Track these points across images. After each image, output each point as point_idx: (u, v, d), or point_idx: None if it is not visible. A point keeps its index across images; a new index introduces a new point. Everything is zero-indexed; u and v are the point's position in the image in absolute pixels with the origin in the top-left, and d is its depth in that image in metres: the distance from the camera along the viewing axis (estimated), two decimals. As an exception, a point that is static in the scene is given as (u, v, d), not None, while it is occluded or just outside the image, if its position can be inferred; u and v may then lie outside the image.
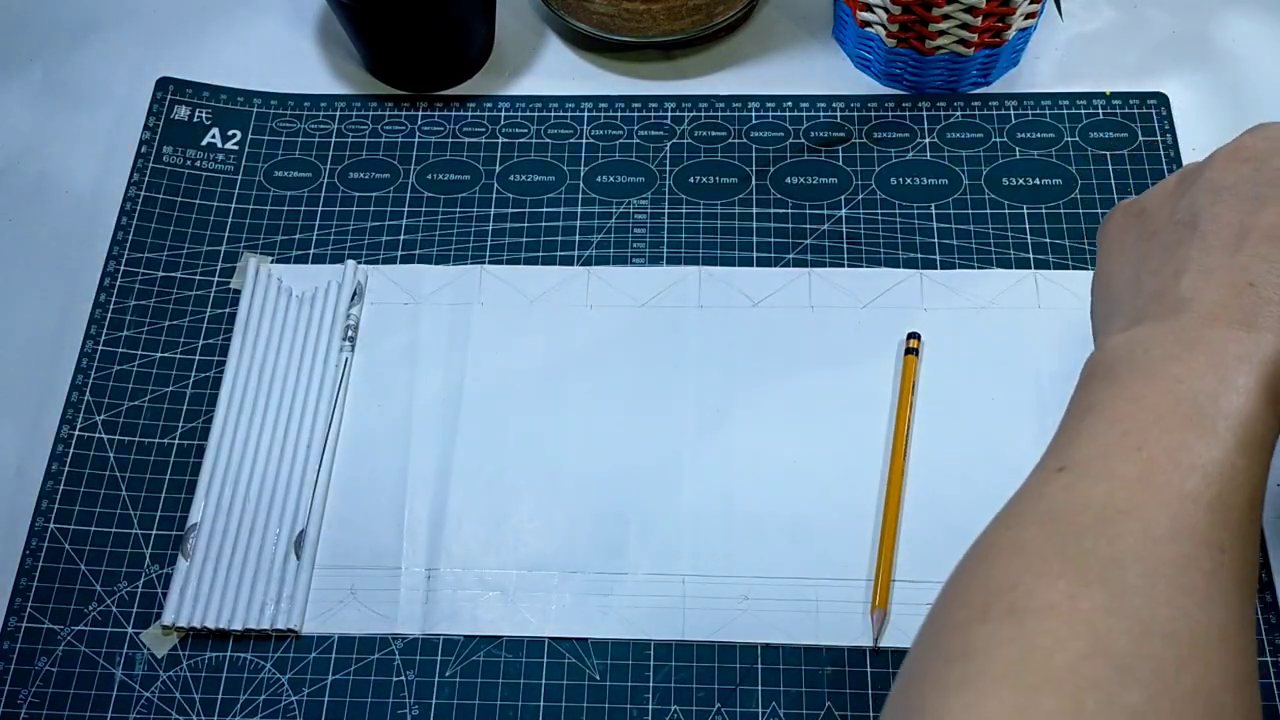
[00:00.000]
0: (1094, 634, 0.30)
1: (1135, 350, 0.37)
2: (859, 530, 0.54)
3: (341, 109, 0.67)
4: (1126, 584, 0.31)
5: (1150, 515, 0.32)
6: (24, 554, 0.55)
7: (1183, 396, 0.34)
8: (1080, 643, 0.30)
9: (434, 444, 0.57)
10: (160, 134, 0.66)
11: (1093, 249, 0.61)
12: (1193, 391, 0.34)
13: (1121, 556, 0.32)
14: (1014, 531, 0.35)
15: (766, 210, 0.63)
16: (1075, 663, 0.30)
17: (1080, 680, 0.29)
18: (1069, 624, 0.31)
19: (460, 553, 0.54)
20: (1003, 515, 0.36)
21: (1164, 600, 0.31)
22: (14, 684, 0.52)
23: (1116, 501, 0.33)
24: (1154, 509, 0.32)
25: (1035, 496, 0.35)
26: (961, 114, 0.65)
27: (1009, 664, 0.30)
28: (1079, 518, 0.33)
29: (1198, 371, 0.35)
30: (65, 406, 0.58)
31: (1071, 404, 0.38)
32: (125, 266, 0.62)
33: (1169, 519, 0.32)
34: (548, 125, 0.66)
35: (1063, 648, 0.30)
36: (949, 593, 0.35)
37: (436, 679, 0.52)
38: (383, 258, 0.62)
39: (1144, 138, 0.64)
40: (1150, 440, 0.34)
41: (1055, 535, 0.33)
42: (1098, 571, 0.31)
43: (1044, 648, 0.30)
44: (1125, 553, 0.32)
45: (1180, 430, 0.34)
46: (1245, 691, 0.31)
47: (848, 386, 0.57)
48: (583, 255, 0.62)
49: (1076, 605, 0.31)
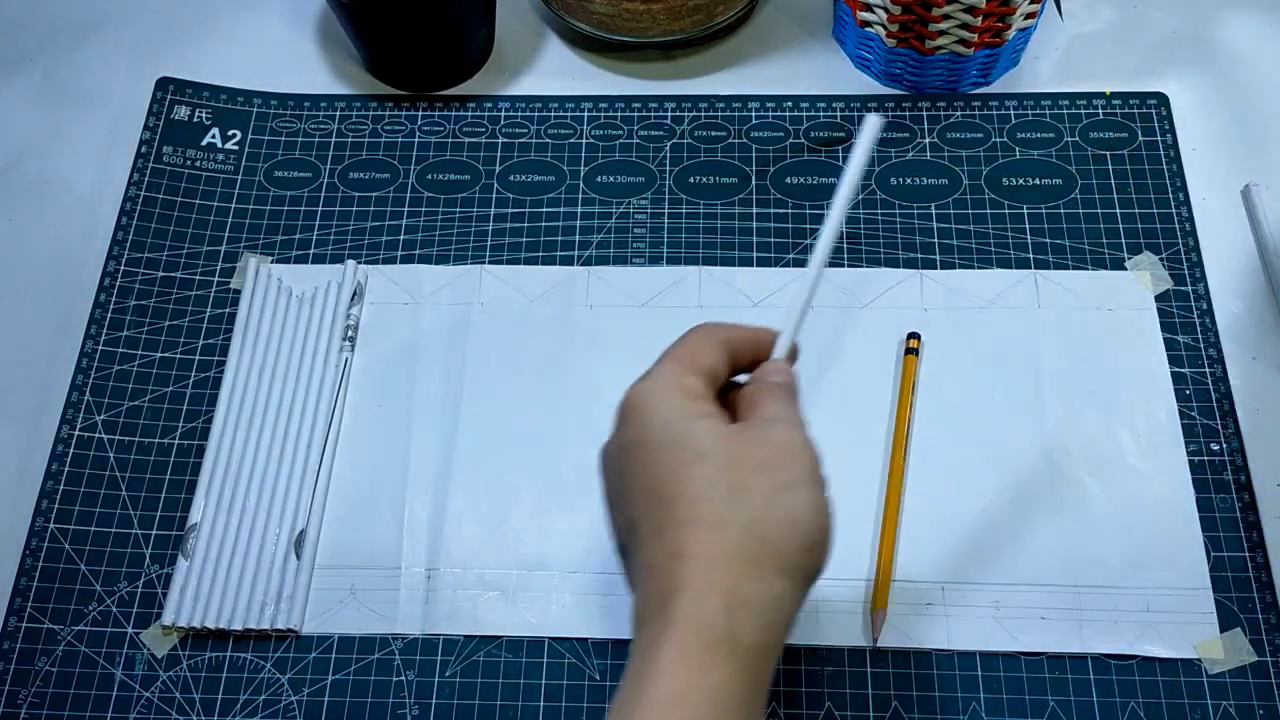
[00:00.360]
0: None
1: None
2: (859, 530, 0.54)
3: (341, 109, 0.67)
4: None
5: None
6: (24, 554, 0.55)
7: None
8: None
9: (434, 444, 0.57)
10: (160, 134, 0.66)
11: (1093, 249, 0.61)
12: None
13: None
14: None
15: (766, 210, 0.63)
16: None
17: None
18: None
19: (460, 553, 0.54)
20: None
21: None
22: (14, 684, 0.52)
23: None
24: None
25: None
26: (961, 114, 0.65)
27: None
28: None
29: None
30: (65, 406, 0.58)
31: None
32: (125, 266, 0.62)
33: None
34: (548, 125, 0.66)
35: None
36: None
37: (436, 679, 0.52)
38: (383, 258, 0.62)
39: (1144, 138, 0.64)
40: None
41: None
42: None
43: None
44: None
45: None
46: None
47: (848, 386, 0.57)
48: (583, 255, 0.62)
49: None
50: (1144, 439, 0.55)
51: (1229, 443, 0.55)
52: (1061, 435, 0.56)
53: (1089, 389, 0.57)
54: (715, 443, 0.37)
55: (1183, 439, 0.55)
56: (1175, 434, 0.55)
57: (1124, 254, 0.61)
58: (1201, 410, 0.56)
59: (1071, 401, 0.56)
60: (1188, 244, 0.61)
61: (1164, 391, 0.57)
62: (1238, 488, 0.54)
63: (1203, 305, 0.59)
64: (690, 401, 0.39)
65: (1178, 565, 0.52)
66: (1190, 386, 0.57)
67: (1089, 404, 0.56)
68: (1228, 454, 0.55)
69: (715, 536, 0.36)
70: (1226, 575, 0.52)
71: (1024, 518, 0.54)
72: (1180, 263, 0.60)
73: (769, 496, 0.37)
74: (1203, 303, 0.59)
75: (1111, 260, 0.60)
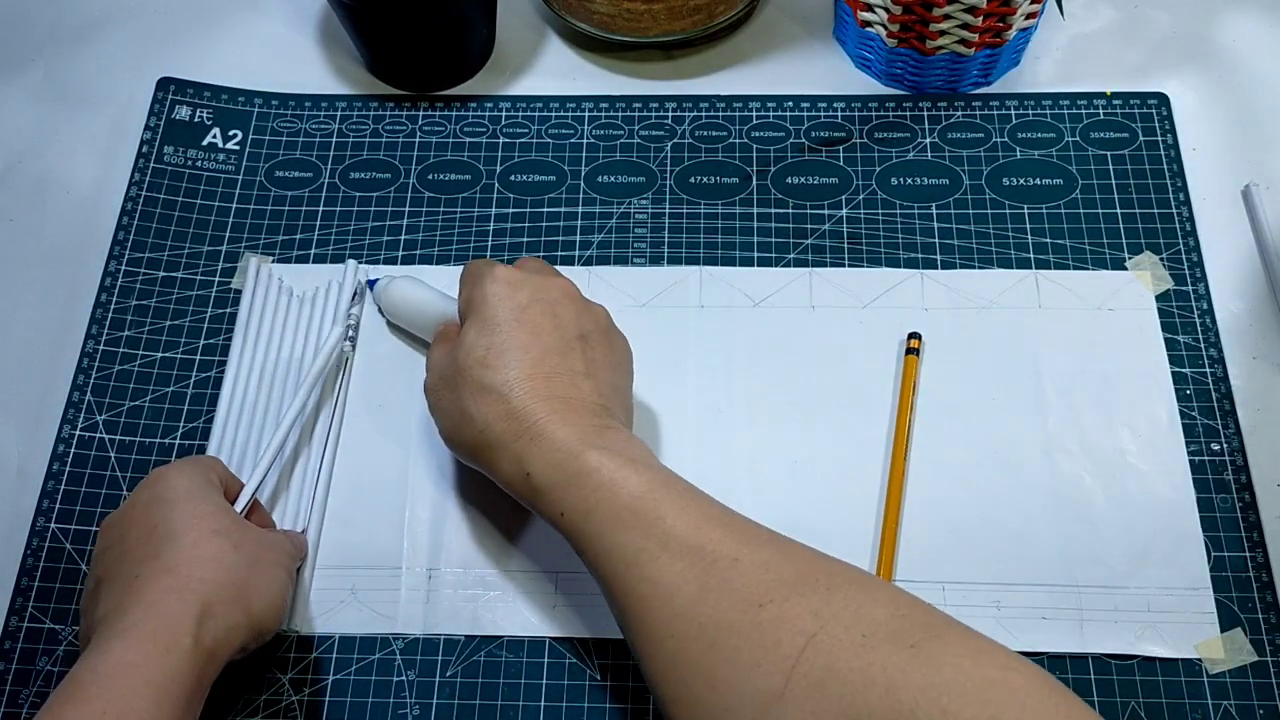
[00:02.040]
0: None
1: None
2: (859, 530, 0.54)
3: (342, 109, 0.67)
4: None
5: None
6: (25, 554, 0.55)
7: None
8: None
9: (434, 444, 0.57)
10: (161, 134, 0.66)
11: (1094, 249, 0.61)
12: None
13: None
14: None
15: (767, 210, 0.63)
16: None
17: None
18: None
19: (460, 553, 0.54)
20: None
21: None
22: (15, 684, 0.52)
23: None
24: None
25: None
26: (962, 114, 0.65)
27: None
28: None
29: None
30: (66, 406, 0.58)
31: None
32: (126, 266, 0.62)
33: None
34: (548, 125, 0.66)
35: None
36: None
37: (437, 679, 0.52)
38: (383, 258, 0.62)
39: (1144, 138, 0.64)
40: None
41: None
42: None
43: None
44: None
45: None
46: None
47: (848, 386, 0.57)
48: (583, 255, 0.62)
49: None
50: (1144, 439, 0.55)
51: (1229, 443, 0.55)
52: (1061, 435, 0.56)
53: (1089, 389, 0.57)
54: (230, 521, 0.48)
55: (1183, 439, 0.55)
56: (1175, 434, 0.55)
57: (1124, 254, 0.61)
58: (1202, 410, 0.56)
59: (1071, 401, 0.56)
60: (1188, 244, 0.61)
61: (1164, 391, 0.57)
62: (1238, 488, 0.54)
63: (1203, 305, 0.59)
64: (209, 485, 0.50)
65: (1178, 565, 0.52)
66: (1190, 386, 0.57)
67: (1089, 404, 0.56)
68: (1228, 454, 0.55)
69: (204, 573, 0.45)
70: (1227, 575, 0.52)
71: (1024, 518, 0.54)
72: (1180, 263, 0.60)
73: (257, 570, 0.47)
74: (1203, 303, 0.59)
75: (1112, 260, 0.60)
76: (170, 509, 0.47)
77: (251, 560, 0.47)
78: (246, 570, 0.47)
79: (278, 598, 0.48)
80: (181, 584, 0.44)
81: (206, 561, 0.46)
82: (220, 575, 0.45)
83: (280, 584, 0.48)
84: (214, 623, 0.44)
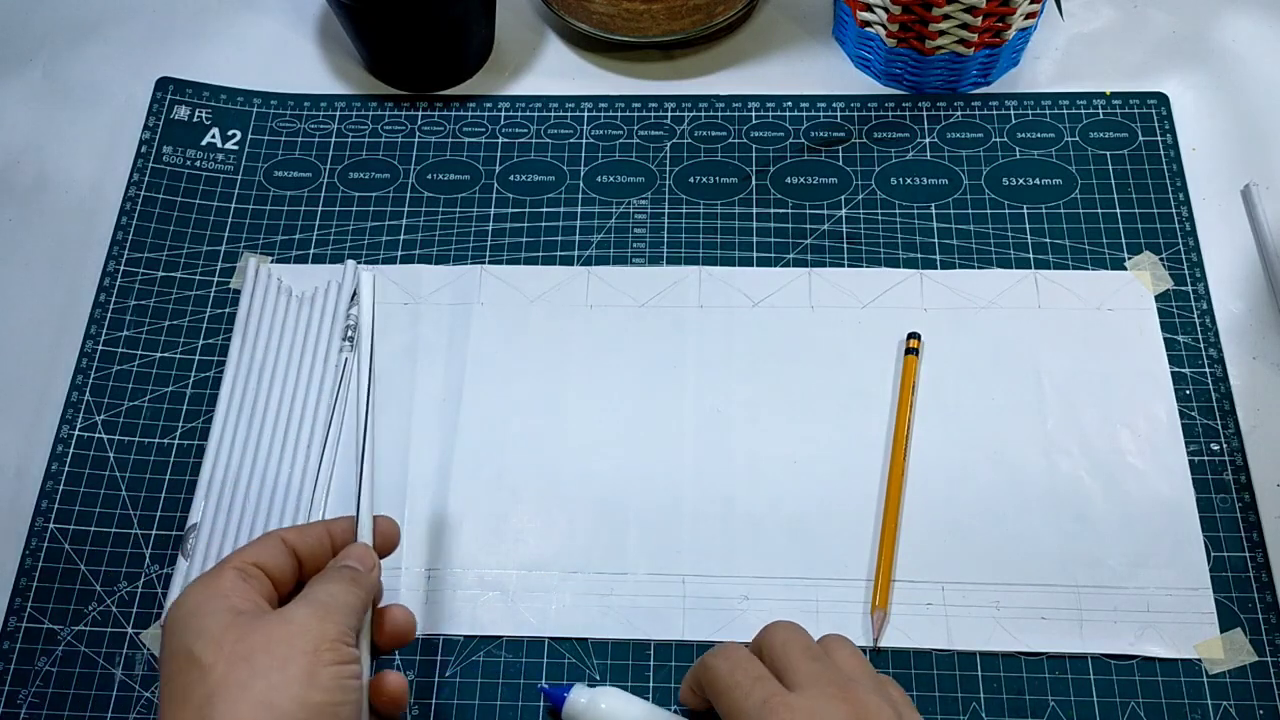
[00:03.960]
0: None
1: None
2: (859, 530, 0.54)
3: (341, 109, 0.67)
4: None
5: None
6: (24, 554, 0.55)
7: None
8: None
9: (434, 444, 0.57)
10: (160, 134, 0.66)
11: (1093, 249, 0.61)
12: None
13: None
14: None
15: (766, 210, 0.63)
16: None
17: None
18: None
19: (460, 553, 0.54)
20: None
21: None
22: (14, 684, 0.52)
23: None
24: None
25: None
26: (961, 114, 0.65)
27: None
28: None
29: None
30: (65, 406, 0.58)
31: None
32: (125, 266, 0.62)
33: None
34: (548, 125, 0.66)
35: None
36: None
37: (436, 679, 0.51)
38: (383, 258, 0.62)
39: (1144, 138, 0.64)
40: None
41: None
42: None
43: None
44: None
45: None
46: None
47: (848, 386, 0.57)
48: (583, 255, 0.62)
49: None
50: (1144, 439, 0.55)
51: (1229, 443, 0.55)
52: (1061, 435, 0.56)
53: (1089, 389, 0.57)
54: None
55: (1183, 439, 0.55)
56: (1175, 434, 0.56)
57: (1124, 254, 0.61)
58: (1201, 410, 0.56)
59: (1071, 401, 0.56)
60: (1188, 244, 0.61)
61: (1164, 391, 0.57)
62: (1238, 488, 0.54)
63: (1203, 305, 0.59)
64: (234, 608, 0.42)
65: (1178, 565, 0.52)
66: (1190, 386, 0.57)
67: (1089, 404, 0.56)
68: (1228, 454, 0.55)
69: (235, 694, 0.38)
70: (1226, 575, 0.52)
71: (1024, 518, 0.54)
72: (1180, 263, 0.60)
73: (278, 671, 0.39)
74: (1203, 303, 0.59)
75: (1111, 260, 0.60)
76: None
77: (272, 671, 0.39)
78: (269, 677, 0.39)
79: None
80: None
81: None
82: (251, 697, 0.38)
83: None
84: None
